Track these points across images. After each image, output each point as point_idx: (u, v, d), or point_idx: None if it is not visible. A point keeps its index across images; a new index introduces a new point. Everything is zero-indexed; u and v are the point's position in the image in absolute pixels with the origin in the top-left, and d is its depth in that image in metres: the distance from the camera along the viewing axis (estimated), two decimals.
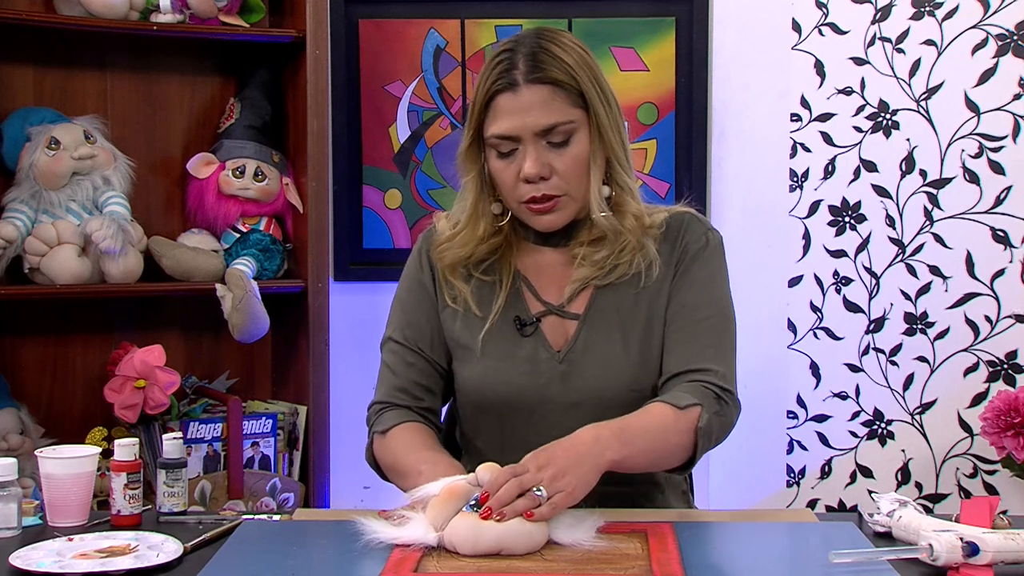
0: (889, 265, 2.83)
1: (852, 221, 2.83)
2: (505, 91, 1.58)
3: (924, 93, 2.79)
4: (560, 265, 1.69)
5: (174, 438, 1.61)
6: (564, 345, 1.65)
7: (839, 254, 2.84)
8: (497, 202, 1.68)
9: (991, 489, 2.81)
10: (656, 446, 1.52)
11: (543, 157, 1.59)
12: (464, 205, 1.69)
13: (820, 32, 2.81)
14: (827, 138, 2.83)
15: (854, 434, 2.86)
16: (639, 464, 1.52)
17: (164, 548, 1.40)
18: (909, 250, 2.81)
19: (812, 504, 2.87)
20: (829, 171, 2.83)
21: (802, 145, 2.83)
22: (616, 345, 1.64)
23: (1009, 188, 2.78)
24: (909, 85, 2.79)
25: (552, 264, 1.70)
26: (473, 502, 1.38)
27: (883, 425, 2.85)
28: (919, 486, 2.85)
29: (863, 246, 2.83)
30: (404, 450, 1.62)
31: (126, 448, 1.57)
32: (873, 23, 2.79)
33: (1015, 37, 2.76)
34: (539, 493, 1.36)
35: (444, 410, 1.82)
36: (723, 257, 1.71)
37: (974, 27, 2.77)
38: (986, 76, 2.77)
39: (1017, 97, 2.76)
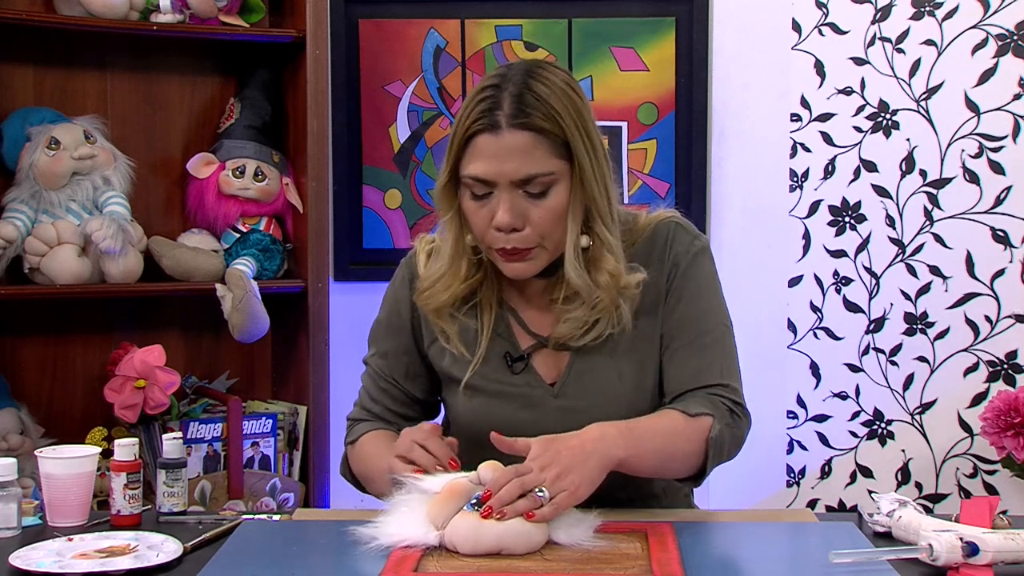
0: (889, 265, 2.83)
1: (852, 221, 2.83)
2: (485, 132, 1.48)
3: (924, 93, 2.79)
4: (549, 292, 1.62)
5: (174, 438, 1.61)
6: (557, 378, 1.62)
7: (839, 254, 2.84)
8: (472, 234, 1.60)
9: (991, 489, 2.81)
10: (664, 449, 1.51)
11: (518, 207, 1.50)
12: (444, 246, 1.61)
13: (820, 32, 2.81)
14: (827, 138, 2.83)
15: (854, 434, 2.86)
16: (646, 466, 1.51)
17: (164, 548, 1.40)
18: (909, 250, 2.81)
19: (812, 504, 2.87)
20: (829, 171, 2.83)
21: (802, 145, 2.83)
22: (611, 372, 1.60)
23: (1009, 188, 2.78)
24: (909, 85, 2.79)
25: (540, 292, 1.63)
26: (474, 500, 1.38)
27: (883, 425, 2.84)
28: (919, 486, 2.85)
29: (863, 246, 2.83)
30: (373, 454, 1.62)
31: (126, 448, 1.57)
32: (873, 23, 2.79)
33: (1015, 37, 2.75)
34: (541, 494, 1.36)
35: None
36: (713, 263, 1.66)
37: (974, 27, 2.76)
38: (986, 76, 2.77)
39: (1017, 97, 2.76)
